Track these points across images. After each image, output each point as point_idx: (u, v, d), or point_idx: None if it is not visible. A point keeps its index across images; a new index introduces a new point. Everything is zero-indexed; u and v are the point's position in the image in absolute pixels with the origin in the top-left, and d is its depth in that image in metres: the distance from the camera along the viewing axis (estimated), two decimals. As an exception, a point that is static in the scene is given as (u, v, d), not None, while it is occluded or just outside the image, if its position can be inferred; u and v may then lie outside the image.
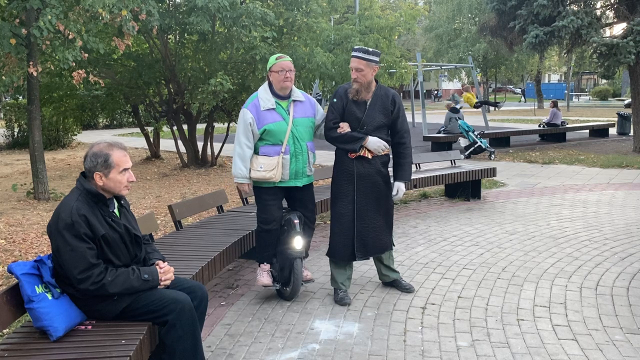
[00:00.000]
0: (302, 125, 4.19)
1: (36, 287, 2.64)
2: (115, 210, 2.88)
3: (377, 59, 4.09)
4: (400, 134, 4.23)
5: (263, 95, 4.17)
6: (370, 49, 4.11)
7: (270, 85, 4.19)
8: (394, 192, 4.27)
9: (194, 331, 2.83)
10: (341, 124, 4.15)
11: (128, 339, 2.61)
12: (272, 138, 4.12)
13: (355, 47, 4.17)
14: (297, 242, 4.13)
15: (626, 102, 36.69)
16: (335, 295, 4.29)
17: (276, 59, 4.15)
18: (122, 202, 2.96)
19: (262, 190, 4.22)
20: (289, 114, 4.15)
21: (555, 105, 17.17)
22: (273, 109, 4.13)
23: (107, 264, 2.74)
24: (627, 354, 3.39)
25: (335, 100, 4.21)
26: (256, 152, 4.18)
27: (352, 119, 4.14)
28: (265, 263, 4.28)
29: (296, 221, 4.16)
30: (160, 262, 2.98)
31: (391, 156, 4.33)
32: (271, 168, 4.10)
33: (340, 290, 4.28)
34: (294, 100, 4.21)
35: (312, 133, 4.29)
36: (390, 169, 4.34)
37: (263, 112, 4.11)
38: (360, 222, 4.19)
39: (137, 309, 2.79)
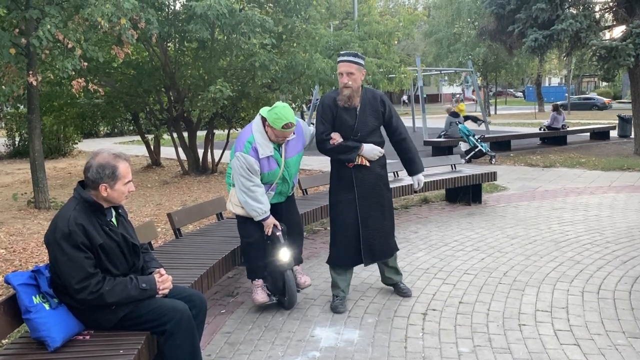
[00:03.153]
0: (293, 164, 4.13)
1: (33, 297, 2.63)
2: (113, 220, 2.86)
3: (364, 62, 4.09)
4: (398, 131, 4.21)
5: (261, 142, 3.93)
6: (358, 53, 4.09)
7: (264, 126, 3.96)
8: (415, 186, 4.32)
9: (192, 340, 2.81)
10: (332, 135, 4.07)
11: (126, 348, 2.60)
12: (263, 181, 4.04)
13: (342, 52, 4.10)
14: (284, 254, 4.03)
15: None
16: (331, 303, 4.26)
17: (282, 128, 3.83)
18: (120, 211, 2.94)
19: None
20: (281, 157, 4.04)
21: (555, 109, 17.13)
22: (272, 155, 3.99)
23: (105, 274, 2.73)
24: (629, 358, 3.36)
25: (323, 110, 4.12)
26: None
27: (344, 127, 4.08)
28: (256, 279, 4.19)
29: (278, 233, 4.05)
30: (159, 270, 2.96)
31: (388, 160, 4.32)
32: None
33: (338, 297, 4.25)
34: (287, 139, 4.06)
35: (299, 165, 4.24)
36: (391, 174, 4.33)
37: (262, 159, 3.95)
38: (365, 228, 4.15)
39: (135, 319, 2.77)
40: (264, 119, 3.96)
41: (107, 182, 2.75)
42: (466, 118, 18.61)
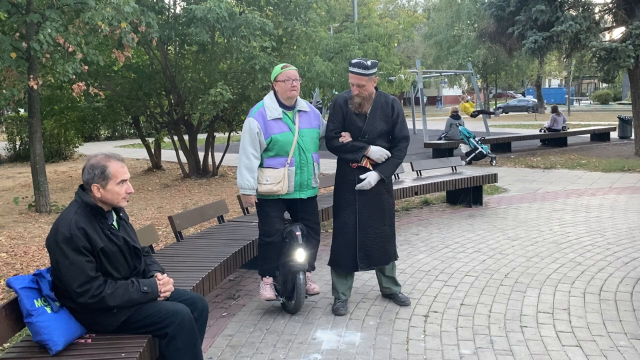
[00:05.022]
0: (308, 135, 4.11)
1: (35, 301, 2.63)
2: (114, 223, 2.87)
3: (376, 69, 4.04)
4: (398, 139, 4.19)
5: (269, 105, 4.06)
6: (369, 62, 3.98)
7: (275, 94, 4.11)
8: (362, 176, 4.09)
9: (194, 343, 2.81)
10: (343, 134, 4.11)
11: (128, 351, 2.60)
12: (278, 149, 4.01)
13: (353, 61, 4.03)
14: (299, 255, 4.02)
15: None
16: (333, 305, 4.26)
17: (282, 69, 4.05)
18: (121, 214, 2.95)
19: (265, 202, 4.12)
20: (294, 124, 4.07)
21: (554, 110, 17.13)
22: (280, 118, 4.03)
23: (106, 277, 2.73)
24: (631, 359, 3.36)
25: (334, 110, 4.17)
26: (260, 164, 4.06)
27: (353, 128, 4.10)
28: (267, 276, 4.19)
29: (298, 233, 4.05)
30: (160, 274, 2.96)
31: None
32: (278, 180, 4.00)
33: (339, 300, 4.25)
34: (299, 111, 4.13)
35: (317, 144, 4.20)
36: (392, 177, 4.31)
37: (270, 121, 4.01)
38: (363, 232, 4.15)
39: (136, 322, 2.77)
40: (274, 89, 4.13)
41: (98, 182, 2.75)
42: (478, 112, 18.76)
